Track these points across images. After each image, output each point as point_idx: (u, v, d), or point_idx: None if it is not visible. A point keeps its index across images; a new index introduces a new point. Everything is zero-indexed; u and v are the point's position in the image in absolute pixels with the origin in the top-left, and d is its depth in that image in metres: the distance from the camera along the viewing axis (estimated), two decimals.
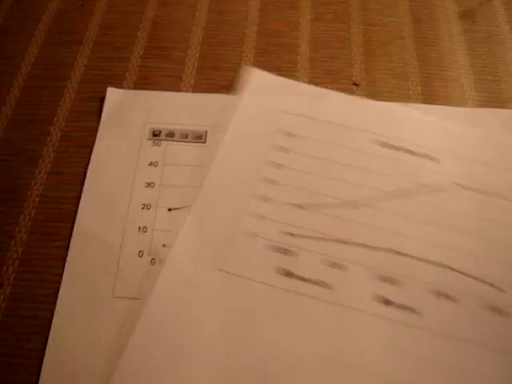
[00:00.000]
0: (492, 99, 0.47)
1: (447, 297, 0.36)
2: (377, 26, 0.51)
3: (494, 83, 0.48)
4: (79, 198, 0.39)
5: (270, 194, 0.40)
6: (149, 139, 0.42)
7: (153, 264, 0.37)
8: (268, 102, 0.45)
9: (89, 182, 0.40)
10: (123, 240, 0.38)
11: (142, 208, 0.39)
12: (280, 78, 0.46)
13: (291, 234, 0.38)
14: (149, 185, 0.40)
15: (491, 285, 0.36)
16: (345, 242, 0.38)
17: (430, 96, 0.47)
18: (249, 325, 0.34)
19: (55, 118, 0.44)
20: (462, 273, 0.37)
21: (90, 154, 0.42)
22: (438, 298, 0.36)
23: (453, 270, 0.37)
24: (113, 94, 0.45)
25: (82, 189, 0.39)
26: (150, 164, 0.41)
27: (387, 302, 0.36)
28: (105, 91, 0.45)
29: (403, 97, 0.47)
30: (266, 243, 0.38)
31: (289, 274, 0.36)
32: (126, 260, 0.37)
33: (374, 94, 0.46)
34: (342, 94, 0.46)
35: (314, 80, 0.47)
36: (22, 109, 0.45)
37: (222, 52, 0.49)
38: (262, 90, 0.46)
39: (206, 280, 0.36)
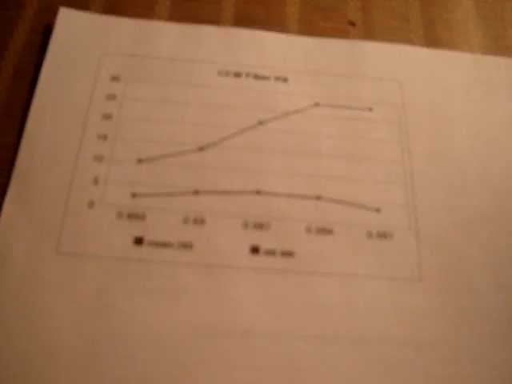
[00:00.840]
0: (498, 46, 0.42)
1: (320, 231, 0.32)
2: None
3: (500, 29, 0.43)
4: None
5: (103, 151, 0.34)
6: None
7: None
8: (83, 44, 0.38)
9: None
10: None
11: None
12: (97, 16, 0.39)
13: (134, 195, 0.33)
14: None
15: (363, 207, 0.34)
16: (199, 192, 0.33)
17: (433, 40, 0.42)
18: (108, 307, 0.30)
19: (6, 52, 0.39)
20: (332, 200, 0.33)
21: None
22: (310, 234, 0.32)
23: (321, 199, 0.34)
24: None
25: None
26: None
27: (258, 251, 0.32)
28: None
29: (404, 39, 0.42)
30: (107, 210, 0.32)
31: (140, 242, 0.32)
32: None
33: (372, 36, 0.41)
34: (172, 25, 0.39)
35: (304, 17, 0.42)
36: None
37: None
38: (74, 32, 0.38)
39: (44, 267, 0.31)
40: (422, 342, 0.30)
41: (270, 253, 0.32)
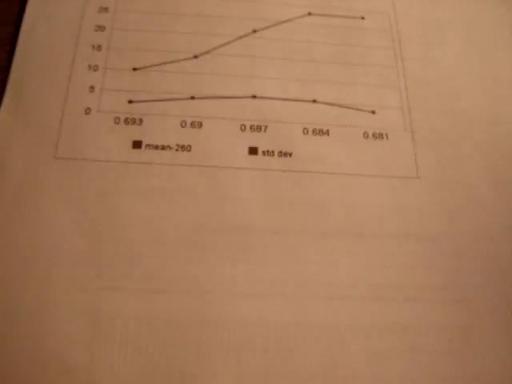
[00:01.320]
0: None
1: (317, 132, 0.33)
2: None
3: None
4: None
5: (97, 61, 0.34)
6: None
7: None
8: None
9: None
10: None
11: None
12: None
13: (131, 101, 0.33)
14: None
15: (359, 109, 0.34)
16: (195, 98, 0.33)
17: None
18: (108, 208, 0.30)
19: None
20: (327, 103, 0.34)
21: None
22: (307, 135, 0.33)
23: (317, 102, 0.34)
24: None
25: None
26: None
27: (257, 152, 0.32)
28: None
29: None
30: (103, 116, 0.32)
31: (138, 145, 0.32)
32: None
33: None
34: None
35: None
36: None
37: None
38: None
39: (42, 173, 0.31)
40: (420, 236, 0.31)
41: (268, 153, 0.32)
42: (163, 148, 0.31)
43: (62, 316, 0.28)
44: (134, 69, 0.33)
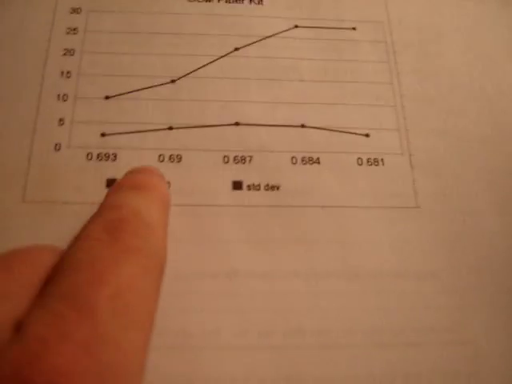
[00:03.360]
0: None
1: (306, 161, 0.30)
2: None
3: None
4: None
5: (67, 89, 0.31)
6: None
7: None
8: None
9: None
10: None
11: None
12: None
13: (104, 134, 0.30)
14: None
15: (352, 133, 0.31)
16: (173, 128, 0.31)
17: None
18: None
19: None
20: (317, 128, 0.31)
21: None
22: (296, 165, 0.30)
23: (306, 127, 0.31)
24: None
25: None
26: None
27: (241, 186, 0.30)
28: None
29: None
30: (75, 152, 0.30)
31: (112, 184, 0.29)
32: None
33: None
34: None
35: None
36: None
37: None
38: None
39: (10, 218, 0.28)
40: (421, 273, 0.28)
41: (254, 187, 0.30)
42: None
43: None
44: (107, 97, 0.31)
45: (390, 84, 0.32)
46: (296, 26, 0.34)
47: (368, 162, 0.30)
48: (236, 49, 0.33)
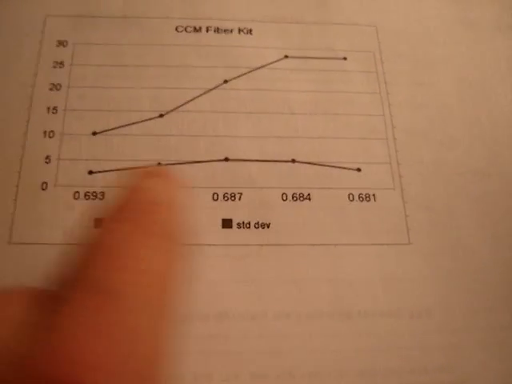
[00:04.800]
0: None
1: (297, 197, 0.30)
2: None
3: None
4: None
5: (53, 126, 0.31)
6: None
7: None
8: (24, 7, 0.34)
9: None
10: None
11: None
12: None
13: (91, 172, 0.30)
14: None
15: (343, 167, 0.31)
16: (161, 164, 0.30)
17: None
18: None
19: None
20: (308, 163, 0.31)
21: None
22: (286, 202, 0.30)
23: (296, 162, 0.31)
24: None
25: None
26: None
27: (231, 224, 0.29)
28: None
29: None
30: (62, 191, 0.29)
31: (101, 224, 0.28)
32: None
33: None
34: None
35: None
36: None
37: None
38: None
39: None
40: (414, 312, 0.28)
41: (244, 225, 0.29)
42: None
43: None
44: (94, 133, 0.30)
45: (382, 116, 0.32)
46: (286, 56, 0.33)
47: (360, 197, 0.30)
48: (225, 81, 0.32)
